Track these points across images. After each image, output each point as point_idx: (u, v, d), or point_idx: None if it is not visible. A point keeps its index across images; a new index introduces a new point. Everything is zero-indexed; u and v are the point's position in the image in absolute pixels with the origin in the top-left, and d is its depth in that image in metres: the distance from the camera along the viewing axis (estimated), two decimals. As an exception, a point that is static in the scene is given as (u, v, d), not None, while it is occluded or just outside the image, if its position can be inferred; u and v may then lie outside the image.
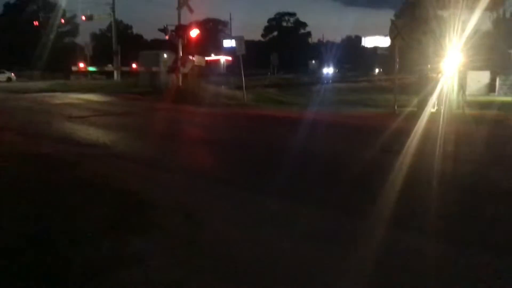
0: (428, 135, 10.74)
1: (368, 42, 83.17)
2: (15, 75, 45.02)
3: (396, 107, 16.52)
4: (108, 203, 5.18)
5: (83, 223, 4.47)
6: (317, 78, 49.91)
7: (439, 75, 15.83)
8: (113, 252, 3.85)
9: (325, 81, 45.78)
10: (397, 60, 16.85)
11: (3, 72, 44.26)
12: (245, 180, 6.70)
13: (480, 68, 27.04)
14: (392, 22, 16.99)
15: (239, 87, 24.44)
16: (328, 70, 67.42)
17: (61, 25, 53.76)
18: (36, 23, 54.53)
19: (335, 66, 72.28)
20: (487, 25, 27.44)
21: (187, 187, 6.35)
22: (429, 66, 16.06)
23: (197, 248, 4.00)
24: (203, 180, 6.75)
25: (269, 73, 57.28)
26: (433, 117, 14.71)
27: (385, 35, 51.80)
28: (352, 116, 16.60)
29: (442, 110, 15.54)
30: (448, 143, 9.75)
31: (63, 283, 3.32)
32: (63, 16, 50.01)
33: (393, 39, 16.67)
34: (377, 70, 65.09)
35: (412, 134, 10.90)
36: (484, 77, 28.50)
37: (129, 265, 3.60)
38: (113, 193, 5.56)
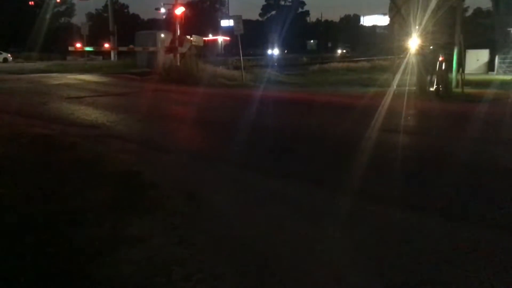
0: (427, 114, 10.76)
1: (367, 21, 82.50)
2: (12, 56, 44.60)
3: (395, 87, 16.48)
4: (108, 183, 5.19)
5: (84, 204, 4.49)
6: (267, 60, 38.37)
7: (438, 53, 15.78)
8: (114, 232, 3.87)
9: (270, 65, 32.64)
10: (397, 38, 16.77)
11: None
12: (245, 159, 6.72)
13: (480, 47, 26.96)
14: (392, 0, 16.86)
15: (237, 67, 24.34)
16: (273, 51, 54.28)
17: (57, 4, 53.13)
18: (31, 3, 53.86)
19: (284, 47, 61.30)
20: (487, 4, 27.22)
21: (188, 167, 6.37)
22: (428, 44, 16.00)
23: (199, 227, 4.02)
24: (203, 159, 6.77)
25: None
26: (432, 95, 14.72)
27: (384, 14, 51.49)
28: (349, 96, 16.58)
29: (441, 89, 15.55)
30: (445, 121, 9.77)
31: (65, 263, 3.34)
32: (59, -5, 49.36)
33: (392, 18, 16.56)
34: (340, 51, 59.56)
35: (412, 113, 10.91)
36: (483, 55, 28.43)
37: (130, 244, 3.62)
38: (113, 174, 5.57)
